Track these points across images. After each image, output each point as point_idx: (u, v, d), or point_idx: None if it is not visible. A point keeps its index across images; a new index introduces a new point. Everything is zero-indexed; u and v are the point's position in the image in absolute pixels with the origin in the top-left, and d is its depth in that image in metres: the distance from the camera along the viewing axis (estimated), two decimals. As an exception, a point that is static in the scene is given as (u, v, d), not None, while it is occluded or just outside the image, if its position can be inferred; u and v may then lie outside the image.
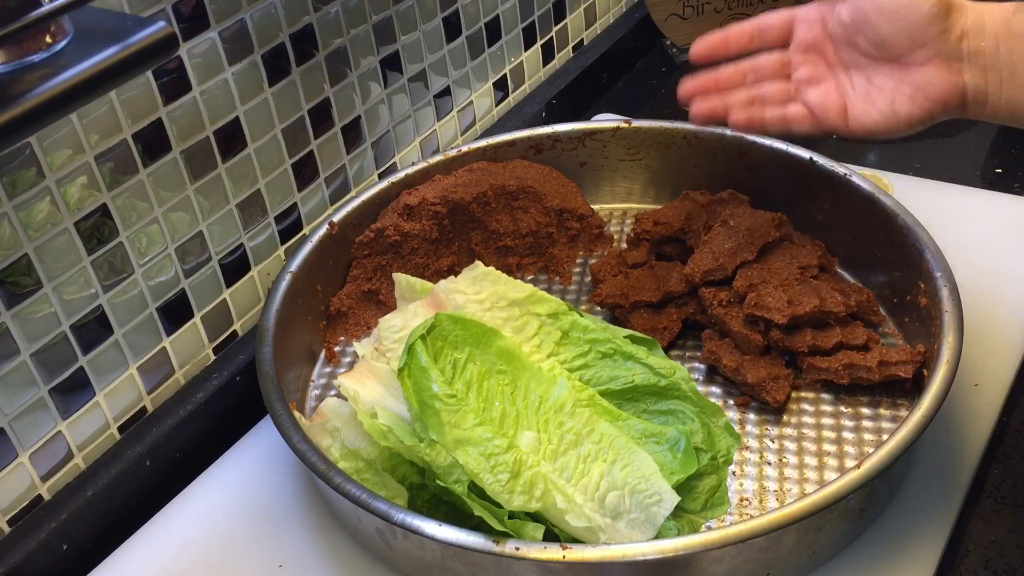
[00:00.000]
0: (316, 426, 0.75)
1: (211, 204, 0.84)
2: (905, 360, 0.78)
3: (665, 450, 0.73)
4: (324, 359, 0.90)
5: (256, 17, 0.82)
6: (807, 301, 0.80)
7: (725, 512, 0.73)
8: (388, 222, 0.92)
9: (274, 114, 0.87)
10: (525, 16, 1.16)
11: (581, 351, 0.79)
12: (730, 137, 0.97)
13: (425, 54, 1.02)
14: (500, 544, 0.63)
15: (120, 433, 0.81)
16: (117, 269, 0.77)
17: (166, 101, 0.77)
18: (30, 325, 0.72)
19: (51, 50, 0.52)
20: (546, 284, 0.96)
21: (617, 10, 1.35)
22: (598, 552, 0.63)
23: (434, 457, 0.68)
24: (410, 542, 0.68)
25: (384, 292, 0.92)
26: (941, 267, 0.80)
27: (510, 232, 0.96)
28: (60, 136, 0.70)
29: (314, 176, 0.94)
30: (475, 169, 0.97)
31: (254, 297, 0.91)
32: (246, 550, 0.76)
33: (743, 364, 0.81)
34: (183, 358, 0.85)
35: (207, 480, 0.81)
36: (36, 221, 0.70)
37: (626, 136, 1.01)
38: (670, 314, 0.87)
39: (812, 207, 0.92)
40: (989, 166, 1.10)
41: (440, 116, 1.07)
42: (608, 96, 1.30)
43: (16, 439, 0.73)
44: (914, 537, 0.71)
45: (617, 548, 0.63)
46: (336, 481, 0.68)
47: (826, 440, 0.77)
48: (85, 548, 0.77)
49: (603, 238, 1.00)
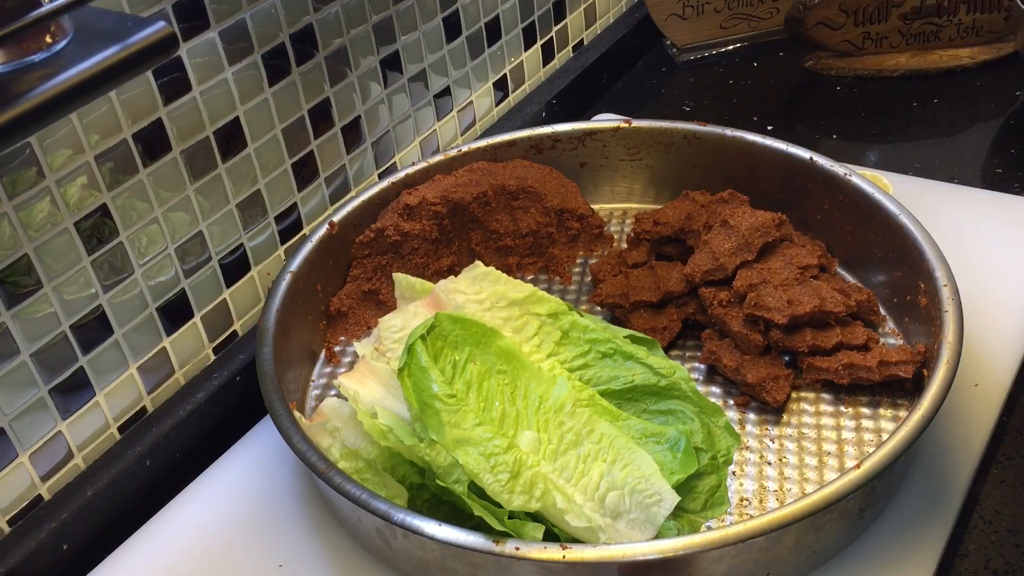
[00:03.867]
0: (316, 426, 0.75)
1: (211, 204, 0.84)
2: (905, 360, 0.78)
3: (665, 450, 0.73)
4: (324, 359, 0.90)
5: (256, 17, 0.82)
6: (807, 301, 0.80)
7: (725, 512, 0.73)
8: (388, 222, 0.92)
9: (274, 114, 0.87)
10: (525, 16, 1.16)
11: (581, 351, 0.79)
12: (730, 137, 0.97)
13: (425, 54, 1.02)
14: (500, 544, 0.63)
15: (120, 433, 0.81)
16: (117, 269, 0.77)
17: (166, 101, 0.77)
18: (30, 325, 0.72)
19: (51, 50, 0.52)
20: (546, 284, 0.96)
21: (617, 10, 1.35)
22: (598, 552, 0.63)
23: (434, 457, 0.68)
24: (410, 542, 0.68)
25: (384, 292, 0.92)
26: (941, 267, 0.80)
27: (510, 232, 0.96)
28: (60, 136, 0.70)
29: (314, 176, 0.94)
30: (475, 169, 0.97)
31: (254, 297, 0.91)
32: (246, 550, 0.76)
33: (743, 364, 0.81)
34: (183, 358, 0.86)
35: (207, 480, 0.81)
36: (36, 221, 0.70)
37: (626, 136, 1.01)
38: (670, 314, 0.87)
39: (812, 207, 0.92)
40: (989, 166, 1.10)
41: (440, 116, 1.07)
42: (608, 96, 1.30)
43: (16, 439, 0.73)
44: (914, 537, 0.71)
45: (617, 548, 0.63)
46: (336, 481, 0.68)
47: (826, 440, 0.77)
48: (85, 548, 0.77)
49: (603, 238, 1.00)
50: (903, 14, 1.24)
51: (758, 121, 1.21)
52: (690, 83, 1.32)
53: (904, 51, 1.26)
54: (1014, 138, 1.12)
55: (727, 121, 1.00)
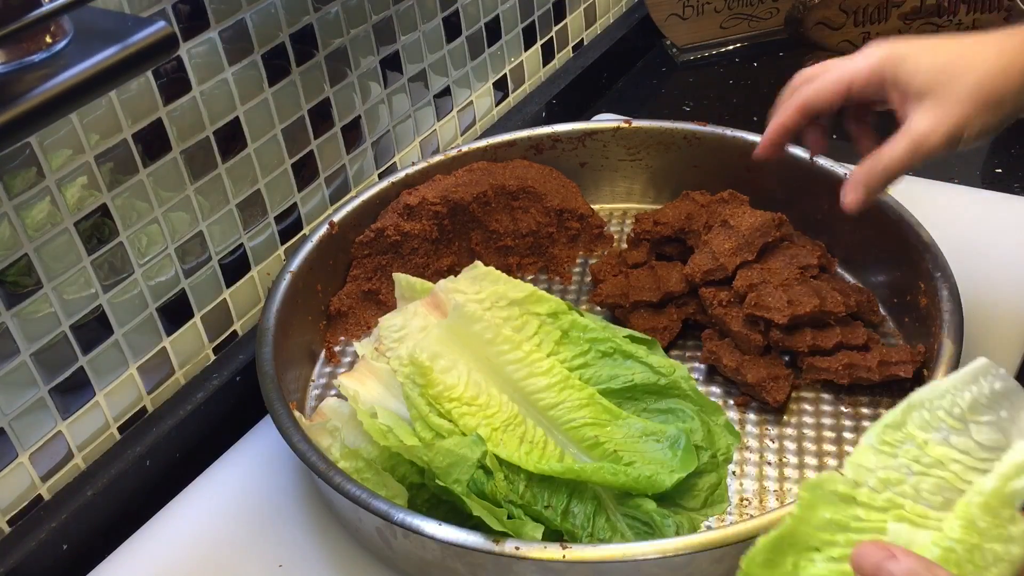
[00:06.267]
0: (316, 426, 0.75)
1: (211, 204, 0.84)
2: (905, 360, 0.78)
3: (665, 448, 0.73)
4: (324, 359, 0.90)
5: (256, 17, 0.82)
6: (807, 301, 0.80)
7: (725, 510, 0.73)
8: (388, 222, 0.92)
9: (274, 114, 0.87)
10: (525, 16, 1.16)
11: (581, 350, 0.79)
12: (730, 137, 0.97)
13: (425, 54, 1.02)
14: (500, 543, 0.63)
15: (120, 433, 0.81)
16: (117, 269, 0.77)
17: (166, 101, 0.77)
18: (30, 325, 0.72)
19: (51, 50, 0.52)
20: (546, 284, 0.96)
21: (617, 10, 1.35)
22: (598, 551, 0.63)
23: (433, 457, 0.68)
24: (410, 541, 0.68)
25: (384, 292, 0.92)
26: (941, 267, 0.80)
27: (510, 232, 0.96)
28: (60, 136, 0.70)
29: (314, 176, 0.94)
30: (475, 169, 0.97)
31: (254, 297, 0.91)
32: (246, 550, 0.76)
33: (743, 364, 0.81)
34: (183, 358, 0.86)
35: (207, 480, 0.81)
36: (36, 221, 0.70)
37: (626, 136, 1.01)
38: (670, 314, 0.87)
39: (812, 207, 0.92)
40: (989, 166, 1.10)
41: (440, 116, 1.07)
42: (608, 96, 1.30)
43: (16, 439, 0.73)
44: (914, 537, 0.71)
45: (617, 548, 0.63)
46: (336, 481, 0.68)
47: (826, 440, 0.77)
48: (85, 548, 0.77)
49: (603, 238, 1.00)
50: (903, 14, 1.24)
51: (758, 121, 1.20)
52: (690, 83, 1.32)
53: (904, 51, 1.26)
54: (1014, 138, 1.12)
55: (727, 121, 1.00)
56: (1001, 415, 0.48)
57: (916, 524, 0.47)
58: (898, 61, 0.70)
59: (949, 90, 0.68)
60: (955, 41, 0.70)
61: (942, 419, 0.48)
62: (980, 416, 0.48)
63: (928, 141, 0.68)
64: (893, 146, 0.70)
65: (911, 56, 0.70)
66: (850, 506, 0.47)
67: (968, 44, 0.70)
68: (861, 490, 0.47)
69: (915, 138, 0.69)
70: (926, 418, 0.48)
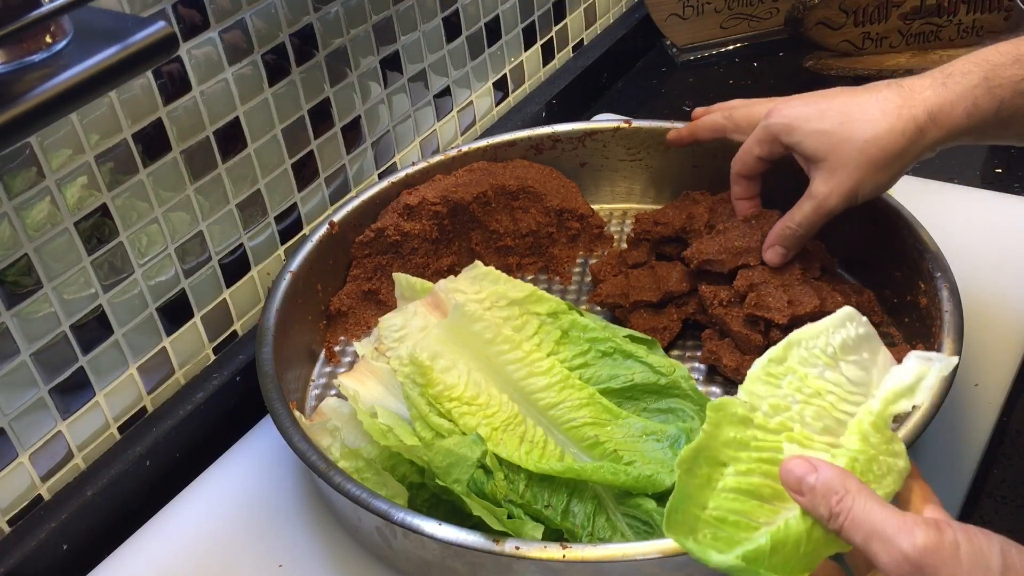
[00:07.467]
0: (316, 426, 0.75)
1: (211, 204, 0.84)
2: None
3: (665, 447, 0.73)
4: (324, 359, 0.90)
5: (256, 17, 0.82)
6: (807, 301, 0.80)
7: (725, 511, 0.73)
8: (388, 222, 0.92)
9: (274, 114, 0.87)
10: (525, 16, 1.16)
11: (581, 350, 0.79)
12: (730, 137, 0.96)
13: (425, 54, 1.02)
14: (500, 543, 0.63)
15: (120, 433, 0.81)
16: (117, 269, 0.77)
17: (166, 101, 0.77)
18: (30, 325, 0.72)
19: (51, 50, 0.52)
20: (546, 284, 0.96)
21: (617, 10, 1.35)
22: (598, 551, 0.63)
23: (433, 457, 0.68)
24: (410, 541, 0.68)
25: (384, 292, 0.92)
26: (941, 267, 0.80)
27: (510, 232, 0.96)
28: (60, 136, 0.70)
29: (314, 176, 0.94)
30: (475, 169, 0.97)
31: (254, 297, 0.91)
32: (246, 550, 0.76)
33: (743, 364, 0.80)
34: (183, 358, 0.86)
35: (207, 480, 0.82)
36: (36, 221, 0.70)
37: (626, 136, 1.01)
38: (670, 314, 0.87)
39: (812, 207, 0.92)
40: (989, 166, 1.10)
41: (440, 116, 1.07)
42: (608, 96, 1.30)
43: (16, 439, 0.73)
44: (914, 537, 0.71)
45: (617, 547, 0.63)
46: (336, 480, 0.68)
47: (826, 440, 0.77)
48: (85, 548, 0.77)
49: (603, 238, 1.00)
50: (903, 14, 1.24)
51: (758, 121, 1.21)
52: (690, 83, 1.32)
53: (904, 51, 1.26)
54: (1014, 138, 1.12)
55: (727, 121, 1.00)
56: (863, 356, 0.56)
57: (804, 446, 0.53)
58: (787, 131, 0.78)
59: (838, 155, 0.75)
60: (841, 102, 0.76)
61: (818, 356, 0.55)
62: (848, 356, 0.55)
63: (828, 203, 0.76)
64: (801, 208, 0.78)
65: (798, 126, 0.77)
66: (748, 427, 0.53)
67: (854, 105, 0.75)
68: (756, 414, 0.54)
69: (817, 200, 0.77)
70: (804, 355, 0.55)
